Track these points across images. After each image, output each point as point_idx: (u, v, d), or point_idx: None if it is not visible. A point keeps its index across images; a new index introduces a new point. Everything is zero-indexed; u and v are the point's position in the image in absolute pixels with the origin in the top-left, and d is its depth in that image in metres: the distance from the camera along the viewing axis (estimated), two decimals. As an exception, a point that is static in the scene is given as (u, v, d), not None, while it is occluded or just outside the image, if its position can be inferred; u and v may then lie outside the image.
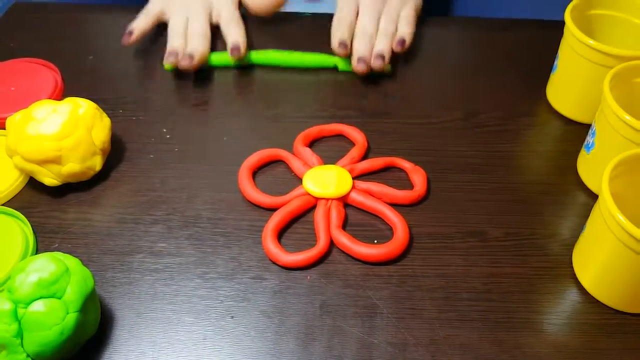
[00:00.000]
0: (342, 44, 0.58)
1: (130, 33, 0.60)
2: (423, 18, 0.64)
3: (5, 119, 0.50)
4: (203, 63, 0.59)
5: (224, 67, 0.61)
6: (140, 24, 0.61)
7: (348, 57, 0.59)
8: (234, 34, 0.60)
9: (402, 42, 0.59)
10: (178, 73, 0.60)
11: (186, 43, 0.59)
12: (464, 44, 0.65)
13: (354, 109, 0.57)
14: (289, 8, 0.64)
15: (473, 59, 0.63)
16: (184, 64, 0.58)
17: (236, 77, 0.61)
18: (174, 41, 0.59)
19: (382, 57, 0.58)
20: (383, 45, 0.59)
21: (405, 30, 0.60)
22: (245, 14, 0.64)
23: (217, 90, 0.59)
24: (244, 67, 0.61)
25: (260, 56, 0.61)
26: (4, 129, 0.50)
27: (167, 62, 0.58)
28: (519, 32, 0.65)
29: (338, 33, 0.59)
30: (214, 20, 0.62)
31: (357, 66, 0.58)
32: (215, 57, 0.60)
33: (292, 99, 0.58)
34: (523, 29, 0.65)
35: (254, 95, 0.59)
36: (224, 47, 0.61)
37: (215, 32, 0.62)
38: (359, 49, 0.58)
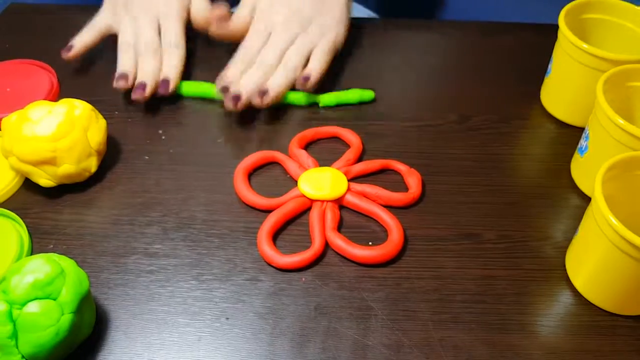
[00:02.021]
0: (225, 88, 0.54)
1: (70, 48, 0.58)
2: (418, 21, 0.65)
3: (0, 119, 0.50)
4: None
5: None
6: (83, 38, 0.59)
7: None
8: (169, 62, 0.57)
9: (307, 78, 0.55)
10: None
11: (139, 61, 0.57)
12: (459, 47, 0.66)
13: (349, 111, 0.57)
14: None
15: (467, 62, 0.63)
16: (136, 95, 0.55)
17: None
18: (124, 59, 0.57)
19: (265, 93, 0.54)
20: (275, 80, 0.55)
21: (316, 65, 0.56)
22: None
23: (213, 92, 0.59)
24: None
25: (189, 88, 0.58)
26: (0, 129, 0.50)
27: (117, 86, 0.56)
28: (513, 36, 0.65)
29: (226, 72, 0.55)
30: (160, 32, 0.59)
31: (226, 103, 0.54)
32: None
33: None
34: (517, 33, 0.66)
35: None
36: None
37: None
38: (243, 83, 0.54)
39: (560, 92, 0.56)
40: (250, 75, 0.55)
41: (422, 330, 0.42)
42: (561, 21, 0.52)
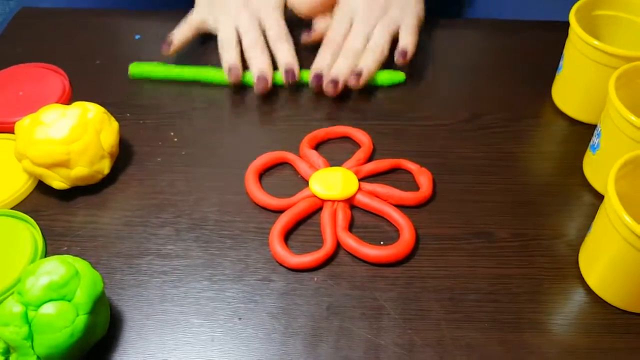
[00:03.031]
0: (318, 76, 0.56)
1: (170, 43, 0.59)
2: (429, 19, 0.64)
3: (14, 123, 0.50)
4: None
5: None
6: (181, 33, 0.60)
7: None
8: (285, 53, 0.58)
9: (404, 53, 0.57)
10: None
11: (245, 58, 0.58)
12: (469, 45, 0.65)
13: (359, 111, 0.57)
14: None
15: (478, 60, 0.63)
16: (259, 87, 0.57)
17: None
18: (229, 55, 0.58)
19: (359, 74, 0.56)
20: (365, 62, 0.57)
21: (408, 39, 0.58)
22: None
23: (224, 93, 0.60)
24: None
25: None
26: (13, 133, 0.50)
27: (231, 79, 0.57)
28: (524, 34, 0.65)
29: (317, 61, 0.57)
30: (261, 29, 0.60)
31: (325, 87, 0.56)
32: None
33: (298, 101, 0.59)
34: (528, 30, 0.65)
35: (260, 98, 0.59)
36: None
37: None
38: (334, 70, 0.56)
39: (572, 90, 0.55)
40: (340, 64, 0.57)
41: (435, 330, 0.42)
42: (572, 18, 0.52)
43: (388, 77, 0.59)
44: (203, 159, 0.53)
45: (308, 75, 0.58)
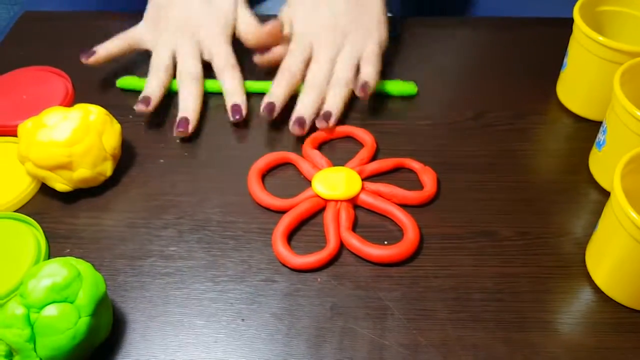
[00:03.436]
0: (269, 105, 0.53)
1: (92, 53, 0.56)
2: (433, 18, 0.64)
3: (17, 126, 0.50)
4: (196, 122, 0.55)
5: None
6: (109, 46, 0.57)
7: None
8: (231, 86, 0.55)
9: (365, 85, 0.53)
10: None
11: (174, 83, 0.56)
12: (473, 43, 0.65)
13: (362, 110, 0.57)
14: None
15: (482, 58, 0.63)
16: (179, 131, 0.53)
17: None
18: (152, 83, 0.55)
19: (328, 116, 0.53)
20: (333, 101, 0.53)
21: (369, 70, 0.54)
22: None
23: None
24: None
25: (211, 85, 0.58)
26: (16, 136, 0.50)
27: (137, 109, 0.54)
28: (528, 31, 0.65)
29: (272, 90, 0.54)
30: (206, 58, 0.58)
31: (292, 128, 0.52)
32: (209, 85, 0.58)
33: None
34: (532, 28, 0.65)
35: (262, 98, 0.59)
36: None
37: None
38: (299, 108, 0.53)
39: (577, 86, 0.55)
40: (304, 100, 0.53)
41: (440, 330, 0.41)
42: (576, 14, 0.51)
43: (400, 88, 0.57)
44: (205, 160, 0.53)
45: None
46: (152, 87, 0.55)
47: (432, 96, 0.59)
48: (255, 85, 0.58)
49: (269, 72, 0.58)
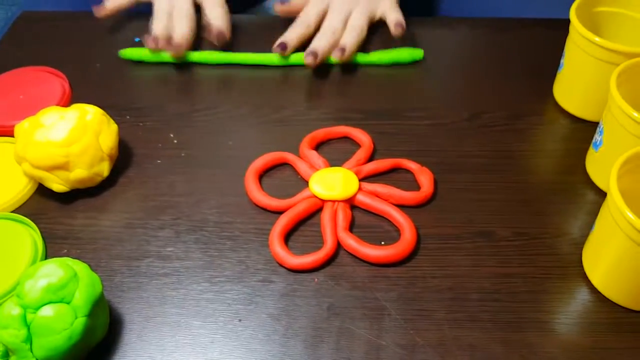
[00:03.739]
0: (282, 44, 0.59)
1: (102, 7, 0.62)
2: (429, 18, 0.64)
3: (13, 126, 0.50)
4: (187, 47, 0.60)
5: (234, 70, 0.61)
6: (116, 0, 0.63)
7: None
8: (217, 17, 0.61)
9: (400, 23, 0.59)
10: (187, 76, 0.61)
11: (170, 25, 0.61)
12: (470, 43, 0.65)
13: (359, 111, 0.57)
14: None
15: (479, 58, 0.63)
16: (170, 49, 0.59)
17: (242, 82, 0.61)
18: (157, 26, 0.60)
19: (343, 49, 0.58)
20: (347, 39, 0.59)
21: (396, 14, 0.60)
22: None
23: (223, 95, 0.60)
24: (231, 67, 0.62)
25: (201, 56, 0.62)
26: (13, 136, 0.50)
27: (149, 46, 0.59)
28: (525, 32, 0.65)
29: (286, 34, 0.59)
30: (197, 1, 0.63)
31: (305, 58, 0.58)
32: (196, 56, 0.61)
33: (297, 102, 0.58)
34: (529, 28, 0.65)
35: (259, 100, 0.59)
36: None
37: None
38: (315, 43, 0.59)
39: (573, 87, 0.55)
40: (320, 39, 0.59)
41: (437, 330, 0.41)
42: (572, 15, 0.51)
43: (408, 54, 0.61)
44: (203, 161, 0.53)
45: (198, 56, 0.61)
46: (157, 29, 0.60)
47: (429, 97, 0.59)
48: (245, 57, 0.61)
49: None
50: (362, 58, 0.61)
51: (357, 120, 0.56)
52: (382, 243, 0.46)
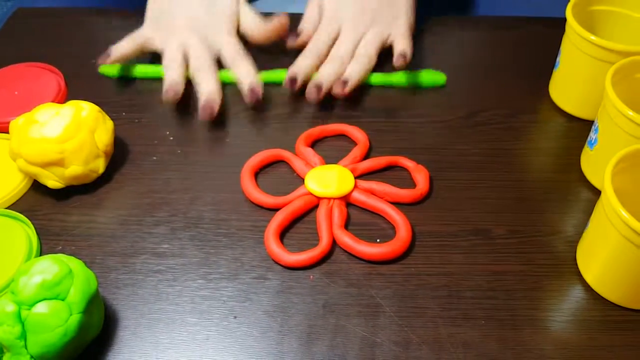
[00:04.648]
0: (293, 80, 0.55)
1: (107, 56, 0.57)
2: (424, 18, 0.64)
3: (8, 122, 0.50)
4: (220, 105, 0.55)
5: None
6: (121, 49, 0.58)
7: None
8: (245, 70, 0.56)
9: (404, 54, 0.56)
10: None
11: (193, 82, 0.56)
12: (466, 42, 0.65)
13: (355, 108, 0.57)
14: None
15: (475, 57, 0.63)
16: (205, 114, 0.54)
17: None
18: (173, 73, 0.56)
19: (345, 82, 0.55)
20: (353, 70, 0.56)
21: (404, 43, 0.57)
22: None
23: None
24: None
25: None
26: (8, 132, 0.50)
27: (168, 96, 0.54)
28: (521, 30, 0.65)
29: (296, 64, 0.56)
30: (214, 53, 0.58)
31: (308, 92, 0.55)
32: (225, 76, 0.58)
33: (294, 99, 0.58)
34: (525, 27, 0.65)
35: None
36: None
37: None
38: (319, 74, 0.56)
39: (569, 85, 0.55)
40: (326, 68, 0.56)
41: (432, 327, 0.41)
42: (568, 13, 0.51)
43: (430, 78, 0.59)
44: (198, 158, 0.53)
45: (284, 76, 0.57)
46: (174, 75, 0.56)
47: (425, 94, 0.59)
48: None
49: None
50: (381, 79, 0.58)
51: (353, 117, 0.56)
52: (378, 240, 0.46)
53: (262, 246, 0.46)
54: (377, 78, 0.59)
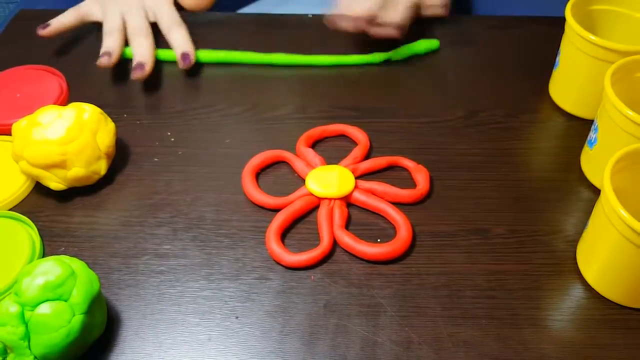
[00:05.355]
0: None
1: (46, 26, 0.61)
2: (424, 18, 0.64)
3: (11, 125, 0.50)
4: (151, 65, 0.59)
5: (231, 69, 0.61)
6: (62, 19, 0.62)
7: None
8: (179, 38, 0.60)
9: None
10: (185, 75, 0.61)
11: (128, 42, 0.60)
12: (465, 42, 0.65)
13: (356, 109, 0.57)
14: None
15: (474, 57, 0.63)
16: (136, 74, 0.58)
17: (239, 80, 0.61)
18: (110, 41, 0.59)
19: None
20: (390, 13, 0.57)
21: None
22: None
23: (220, 93, 0.60)
24: (228, 66, 0.62)
25: (208, 55, 0.62)
26: (10, 134, 0.50)
27: (100, 63, 0.58)
28: (521, 30, 0.65)
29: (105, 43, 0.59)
30: (151, 20, 0.62)
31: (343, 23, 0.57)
32: (163, 54, 0.62)
33: (294, 100, 0.59)
34: (524, 26, 0.65)
35: (256, 98, 0.59)
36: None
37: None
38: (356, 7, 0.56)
39: (569, 85, 0.55)
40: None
41: (432, 327, 0.42)
42: (568, 13, 0.52)
43: (425, 45, 0.62)
44: (200, 159, 0.53)
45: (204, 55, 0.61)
46: (109, 44, 0.59)
47: (425, 95, 0.59)
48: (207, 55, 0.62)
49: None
50: (380, 57, 0.61)
51: (354, 118, 0.56)
52: (378, 240, 0.46)
53: (264, 247, 0.46)
54: (377, 57, 0.61)
